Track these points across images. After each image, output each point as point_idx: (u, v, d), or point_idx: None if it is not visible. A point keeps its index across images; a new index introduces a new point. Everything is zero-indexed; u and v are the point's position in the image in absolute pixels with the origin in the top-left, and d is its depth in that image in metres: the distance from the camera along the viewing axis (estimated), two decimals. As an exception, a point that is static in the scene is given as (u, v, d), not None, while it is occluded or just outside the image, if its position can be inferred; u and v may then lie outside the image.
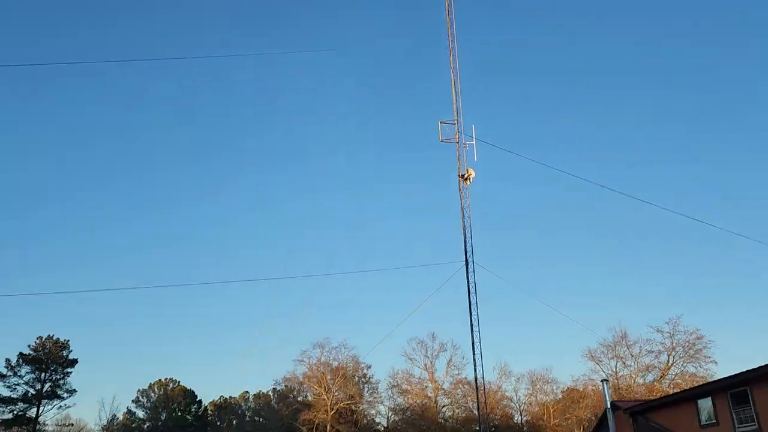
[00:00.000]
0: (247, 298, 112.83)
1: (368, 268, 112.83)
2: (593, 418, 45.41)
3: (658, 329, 50.14)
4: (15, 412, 58.75)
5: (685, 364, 48.73)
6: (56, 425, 66.76)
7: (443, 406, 66.05)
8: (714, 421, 16.61)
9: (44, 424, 62.42)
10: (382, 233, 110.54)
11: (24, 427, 58.87)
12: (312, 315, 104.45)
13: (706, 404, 17.02)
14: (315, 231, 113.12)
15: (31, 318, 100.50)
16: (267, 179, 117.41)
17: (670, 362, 49.66)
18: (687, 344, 48.43)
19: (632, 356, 52.09)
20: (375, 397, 70.35)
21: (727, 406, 16.32)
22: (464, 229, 25.57)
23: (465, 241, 25.25)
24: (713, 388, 16.97)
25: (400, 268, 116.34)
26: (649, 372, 51.15)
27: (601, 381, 22.50)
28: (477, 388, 21.17)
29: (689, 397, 18.02)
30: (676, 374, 48.55)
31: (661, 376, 49.22)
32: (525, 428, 67.92)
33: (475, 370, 21.33)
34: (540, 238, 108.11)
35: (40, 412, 60.30)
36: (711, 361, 46.84)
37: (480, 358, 21.76)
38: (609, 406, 21.07)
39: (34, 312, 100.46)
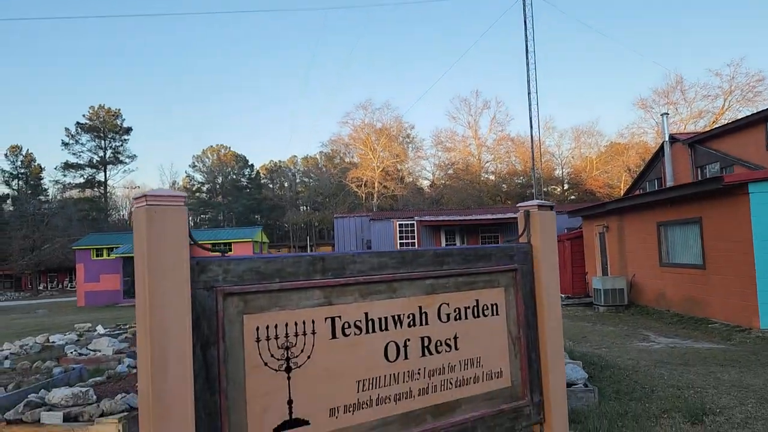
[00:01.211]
0: (288, 55, 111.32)
1: None
2: (641, 162, 45.83)
3: (717, 72, 48.03)
4: (85, 177, 63.40)
5: (740, 108, 47.31)
6: (124, 188, 72.40)
7: (486, 162, 67.91)
8: (783, 141, 16.22)
9: (113, 187, 67.69)
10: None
11: (95, 189, 63.93)
12: (354, 74, 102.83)
13: (777, 125, 16.43)
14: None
15: (82, 88, 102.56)
16: None
17: (725, 107, 48.23)
18: (746, 87, 46.47)
19: (686, 101, 50.65)
20: (419, 155, 72.46)
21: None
22: (521, -43, 23.09)
23: (522, -29, 22.97)
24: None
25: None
26: (701, 118, 50.16)
27: (661, 114, 21.89)
28: (531, 126, 20.96)
29: (758, 120, 17.31)
30: (729, 119, 47.34)
31: (713, 122, 48.20)
32: (566, 181, 70.11)
33: (530, 105, 20.84)
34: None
35: (107, 176, 64.86)
36: (769, 104, 45.17)
37: (535, 96, 21.14)
38: (667, 138, 20.80)
39: (84, 81, 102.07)
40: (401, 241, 28.42)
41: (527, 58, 20.95)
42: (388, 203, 65.08)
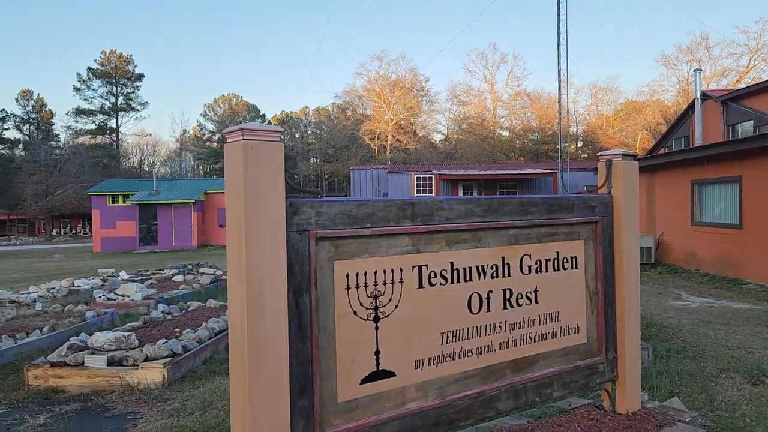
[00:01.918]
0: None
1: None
2: (663, 120, 44.98)
3: (744, 30, 46.55)
4: (97, 123, 63.02)
5: (765, 68, 46.05)
6: (135, 135, 71.98)
7: (501, 117, 66.82)
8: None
9: (125, 134, 67.37)
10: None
11: (107, 136, 63.64)
12: (370, 23, 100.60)
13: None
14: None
15: (93, 32, 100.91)
16: None
17: (750, 65, 46.95)
18: (774, 45, 45.08)
19: (710, 59, 49.31)
20: (434, 109, 71.37)
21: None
22: None
23: None
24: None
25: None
26: (724, 77, 48.90)
27: (694, 70, 21.19)
28: (560, 78, 20.30)
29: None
30: (753, 78, 46.14)
31: (737, 81, 47.01)
32: (580, 138, 68.98)
33: (559, 58, 20.15)
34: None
35: (119, 123, 64.43)
36: (796, 62, 43.93)
37: (566, 49, 20.42)
38: (698, 95, 20.20)
39: (96, 26, 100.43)
40: (418, 194, 28.16)
41: (558, 7, 20.19)
42: (401, 157, 64.44)
